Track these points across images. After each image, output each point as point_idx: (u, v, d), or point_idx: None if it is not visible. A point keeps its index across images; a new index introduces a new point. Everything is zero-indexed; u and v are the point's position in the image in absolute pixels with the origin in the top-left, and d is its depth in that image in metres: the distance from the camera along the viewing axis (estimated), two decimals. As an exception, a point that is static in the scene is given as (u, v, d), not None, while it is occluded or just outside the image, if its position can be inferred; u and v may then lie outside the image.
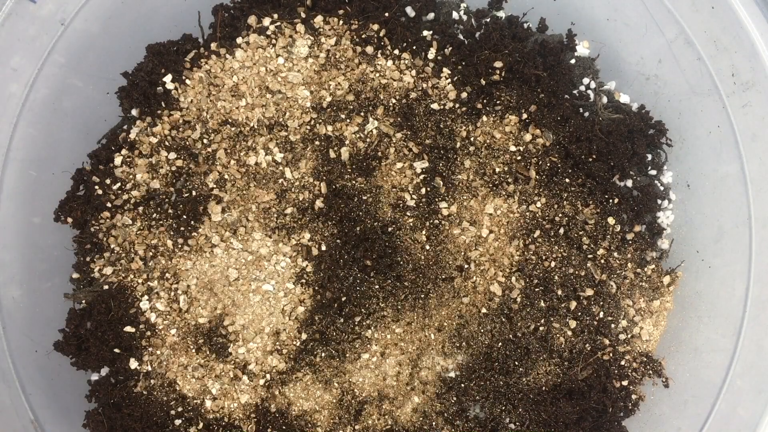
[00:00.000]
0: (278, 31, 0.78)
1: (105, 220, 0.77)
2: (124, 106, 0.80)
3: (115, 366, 0.77)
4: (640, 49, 0.81)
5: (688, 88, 0.78)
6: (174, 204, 0.76)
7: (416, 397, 0.75)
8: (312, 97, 0.77)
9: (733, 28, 0.71)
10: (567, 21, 0.83)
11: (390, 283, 0.75)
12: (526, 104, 0.77)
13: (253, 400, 0.75)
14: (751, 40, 0.70)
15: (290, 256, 0.75)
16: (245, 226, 0.76)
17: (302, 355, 0.74)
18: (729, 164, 0.76)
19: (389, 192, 0.76)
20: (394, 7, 0.79)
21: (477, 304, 0.75)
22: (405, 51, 0.78)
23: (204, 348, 0.75)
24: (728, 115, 0.75)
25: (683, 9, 0.75)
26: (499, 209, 0.76)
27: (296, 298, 0.75)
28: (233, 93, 0.77)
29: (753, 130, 0.73)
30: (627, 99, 0.83)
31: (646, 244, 0.78)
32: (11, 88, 0.74)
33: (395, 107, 0.77)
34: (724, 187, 0.77)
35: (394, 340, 0.75)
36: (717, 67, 0.74)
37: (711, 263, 0.78)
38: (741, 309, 0.74)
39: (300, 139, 0.77)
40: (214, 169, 0.76)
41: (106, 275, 0.77)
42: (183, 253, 0.76)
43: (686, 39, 0.76)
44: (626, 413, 0.79)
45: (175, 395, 0.75)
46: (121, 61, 0.79)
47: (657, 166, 0.82)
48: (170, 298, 0.76)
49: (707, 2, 0.72)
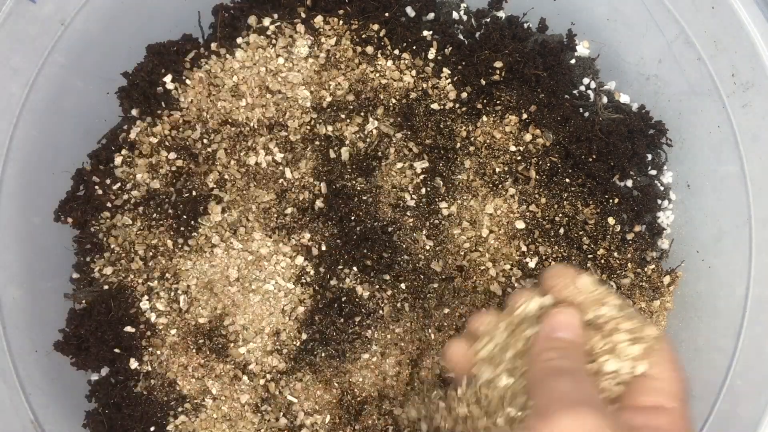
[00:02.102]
0: (278, 31, 0.78)
1: (105, 220, 0.77)
2: (124, 106, 0.80)
3: (115, 366, 0.77)
4: (640, 49, 0.81)
5: (688, 88, 0.78)
6: (174, 204, 0.76)
7: (416, 397, 0.75)
8: (312, 97, 0.77)
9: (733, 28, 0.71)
10: (567, 21, 0.83)
11: (390, 283, 0.75)
12: (526, 104, 0.77)
13: (253, 400, 0.75)
14: (751, 40, 0.70)
15: (290, 256, 0.75)
16: (245, 226, 0.76)
17: (302, 355, 0.74)
18: (729, 164, 0.75)
19: (389, 192, 0.76)
20: (394, 7, 0.79)
21: (477, 304, 0.75)
22: (405, 51, 0.78)
23: (204, 348, 0.75)
24: (728, 115, 0.75)
25: (683, 9, 0.75)
26: (499, 209, 0.76)
27: (296, 298, 0.75)
28: (233, 93, 0.77)
29: (753, 130, 0.73)
30: (627, 99, 0.83)
31: (646, 244, 0.78)
32: (11, 88, 0.74)
33: (395, 107, 0.77)
34: (724, 187, 0.77)
35: (394, 340, 0.75)
36: (717, 67, 0.74)
37: (711, 263, 0.78)
38: (741, 309, 0.74)
39: (300, 139, 0.77)
40: (214, 169, 0.76)
41: (106, 275, 0.77)
42: (183, 253, 0.76)
43: (686, 39, 0.76)
44: (626, 413, 0.79)
45: (175, 395, 0.75)
46: (121, 61, 0.79)
47: (657, 166, 0.82)
48: (170, 298, 0.76)
49: (707, 2, 0.72)
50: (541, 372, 0.48)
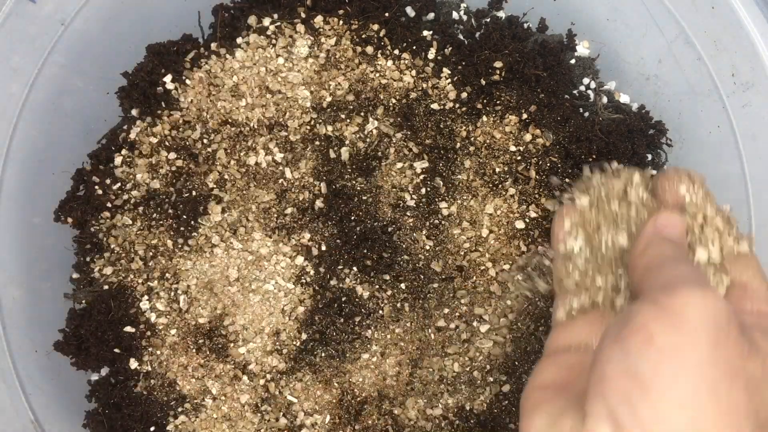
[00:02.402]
0: (278, 31, 0.78)
1: (105, 220, 0.77)
2: (124, 106, 0.80)
3: (115, 366, 0.77)
4: (640, 49, 0.81)
5: (688, 88, 0.78)
6: (174, 204, 0.76)
7: (416, 397, 0.75)
8: (312, 97, 0.77)
9: (733, 28, 0.71)
10: (567, 21, 0.83)
11: (390, 283, 0.75)
12: (526, 104, 0.77)
13: (253, 400, 0.75)
14: (751, 40, 0.70)
15: (290, 256, 0.75)
16: (245, 226, 0.76)
17: (302, 355, 0.74)
18: (729, 164, 0.75)
19: (389, 192, 0.76)
20: (394, 7, 0.79)
21: (476, 303, 0.75)
22: (405, 51, 0.78)
23: (204, 348, 0.75)
24: (728, 115, 0.75)
25: (683, 9, 0.75)
26: (499, 209, 0.76)
27: (296, 298, 0.75)
28: (233, 93, 0.77)
29: (753, 130, 0.73)
30: (627, 99, 0.83)
31: (646, 244, 0.78)
32: (11, 88, 0.74)
33: (395, 107, 0.77)
34: (724, 187, 0.77)
35: (394, 340, 0.75)
36: (717, 67, 0.74)
37: (711, 263, 0.78)
38: (741, 309, 0.74)
39: (300, 139, 0.77)
40: (214, 169, 0.76)
41: (106, 275, 0.77)
42: (183, 253, 0.76)
43: (686, 39, 0.76)
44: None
45: (175, 395, 0.75)
46: (121, 61, 0.79)
47: (657, 166, 0.82)
48: (170, 298, 0.76)
49: (707, 2, 0.72)
50: (658, 258, 0.47)
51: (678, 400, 0.37)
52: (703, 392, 0.37)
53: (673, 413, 0.37)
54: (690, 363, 0.38)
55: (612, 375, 0.39)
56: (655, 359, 0.38)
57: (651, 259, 0.48)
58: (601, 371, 0.40)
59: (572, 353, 0.48)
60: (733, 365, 0.39)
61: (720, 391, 0.38)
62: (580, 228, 0.60)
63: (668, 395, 0.37)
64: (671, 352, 0.38)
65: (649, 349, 0.38)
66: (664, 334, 0.38)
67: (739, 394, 0.38)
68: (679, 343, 0.38)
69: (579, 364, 0.44)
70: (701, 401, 0.37)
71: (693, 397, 0.37)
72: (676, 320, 0.39)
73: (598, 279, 0.55)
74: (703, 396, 0.37)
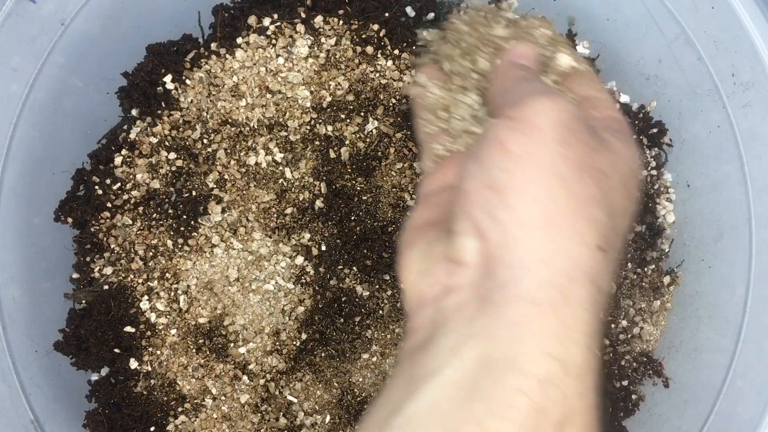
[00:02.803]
0: (278, 31, 0.78)
1: (105, 220, 0.77)
2: (124, 106, 0.80)
3: (115, 366, 0.77)
4: (640, 49, 0.81)
5: (688, 88, 0.78)
6: (174, 204, 0.76)
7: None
8: (312, 97, 0.77)
9: (733, 28, 0.70)
10: (567, 21, 0.83)
11: (390, 283, 0.75)
12: (526, 104, 0.77)
13: (253, 400, 0.75)
14: (751, 40, 0.70)
15: (290, 256, 0.75)
16: (245, 226, 0.76)
17: (302, 355, 0.74)
18: (729, 164, 0.75)
19: (389, 192, 0.76)
20: (394, 7, 0.79)
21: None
22: (405, 51, 0.78)
23: (204, 348, 0.75)
24: (728, 115, 0.75)
25: (683, 9, 0.75)
26: (499, 209, 0.76)
27: (296, 298, 0.75)
28: (233, 93, 0.77)
29: (753, 130, 0.73)
30: (627, 99, 0.83)
31: (646, 244, 0.78)
32: (11, 88, 0.73)
33: (395, 107, 0.77)
34: (724, 187, 0.77)
35: (394, 340, 0.74)
36: (717, 67, 0.74)
37: (711, 263, 0.78)
38: (741, 309, 0.74)
39: (300, 139, 0.77)
40: (214, 169, 0.76)
41: (106, 275, 0.77)
42: (183, 253, 0.76)
43: (686, 39, 0.76)
44: (626, 413, 0.79)
45: (175, 395, 0.75)
46: (121, 61, 0.79)
47: (657, 166, 0.82)
48: (170, 298, 0.76)
49: (707, 2, 0.72)
50: (512, 80, 0.48)
51: (531, 196, 0.39)
52: (555, 184, 0.39)
53: (528, 209, 0.39)
54: (542, 162, 0.39)
55: (472, 190, 0.41)
56: (510, 166, 0.40)
57: (504, 83, 0.49)
58: (464, 190, 0.42)
59: (442, 193, 0.49)
60: (583, 159, 0.40)
61: (570, 181, 0.39)
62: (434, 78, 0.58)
63: (523, 194, 0.39)
64: (524, 157, 0.40)
65: (504, 158, 0.40)
66: (517, 143, 0.40)
67: (590, 183, 0.40)
68: (531, 148, 0.40)
69: (449, 202, 0.46)
70: (553, 192, 0.39)
71: (545, 190, 0.39)
72: (527, 128, 0.40)
73: (456, 117, 0.54)
74: (555, 187, 0.39)
